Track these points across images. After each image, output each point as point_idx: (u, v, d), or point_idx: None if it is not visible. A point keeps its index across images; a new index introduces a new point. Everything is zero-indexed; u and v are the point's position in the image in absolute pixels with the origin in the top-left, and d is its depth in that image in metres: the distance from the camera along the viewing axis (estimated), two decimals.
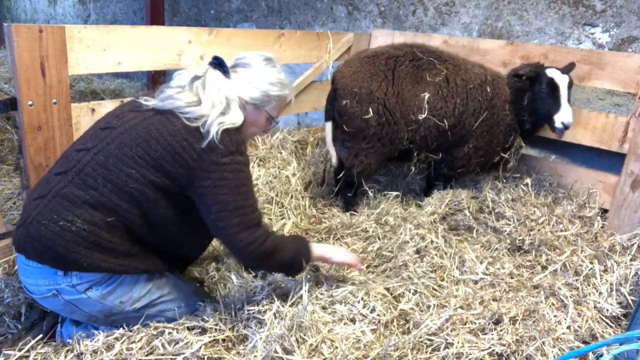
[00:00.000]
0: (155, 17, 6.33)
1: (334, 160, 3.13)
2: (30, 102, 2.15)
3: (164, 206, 1.74)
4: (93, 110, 2.44)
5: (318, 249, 2.01)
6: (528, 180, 3.13)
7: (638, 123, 2.86)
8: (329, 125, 3.05)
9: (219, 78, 1.79)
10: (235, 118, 1.76)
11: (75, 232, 1.65)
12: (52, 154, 2.28)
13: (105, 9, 7.67)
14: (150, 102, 1.77)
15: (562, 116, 2.82)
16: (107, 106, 2.51)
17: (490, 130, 3.04)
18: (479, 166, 3.18)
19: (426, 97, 2.90)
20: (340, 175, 3.10)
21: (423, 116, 2.90)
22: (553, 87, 2.83)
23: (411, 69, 2.94)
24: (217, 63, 1.82)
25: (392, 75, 2.90)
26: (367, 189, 3.11)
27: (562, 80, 2.82)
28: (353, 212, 3.09)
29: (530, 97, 2.97)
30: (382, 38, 3.95)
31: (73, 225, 1.65)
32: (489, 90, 2.99)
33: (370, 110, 2.84)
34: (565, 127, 2.83)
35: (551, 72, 2.87)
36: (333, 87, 2.97)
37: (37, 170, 2.24)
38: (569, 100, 2.84)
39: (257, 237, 1.76)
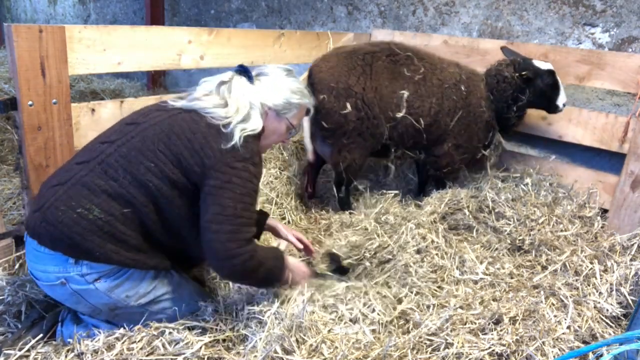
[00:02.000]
0: (155, 17, 6.33)
1: (310, 155, 3.14)
2: (30, 102, 2.15)
3: (179, 205, 1.77)
4: (93, 110, 2.44)
5: (289, 264, 2.00)
6: (528, 180, 3.13)
7: (638, 123, 2.86)
8: (306, 121, 3.05)
9: (244, 83, 1.88)
10: (255, 124, 1.82)
11: (92, 220, 1.68)
12: (52, 154, 2.28)
13: (105, 9, 7.67)
14: (178, 103, 1.85)
15: (562, 98, 2.99)
16: (107, 106, 2.52)
17: (468, 128, 3.06)
18: (463, 163, 3.19)
19: (405, 96, 2.90)
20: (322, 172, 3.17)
21: (401, 114, 2.90)
22: (554, 77, 2.95)
23: (389, 64, 2.93)
24: (243, 70, 1.91)
25: (370, 70, 2.89)
26: (357, 185, 3.12)
27: (552, 68, 2.99)
28: (352, 212, 3.09)
29: (533, 92, 2.98)
30: (382, 38, 3.95)
31: (90, 213, 1.68)
32: (463, 88, 3.00)
33: (348, 105, 2.82)
34: (564, 105, 3.03)
35: (544, 65, 2.97)
36: (310, 82, 2.95)
37: (37, 170, 2.24)
38: None
39: (244, 252, 1.73)
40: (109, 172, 1.72)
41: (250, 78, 1.90)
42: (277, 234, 2.38)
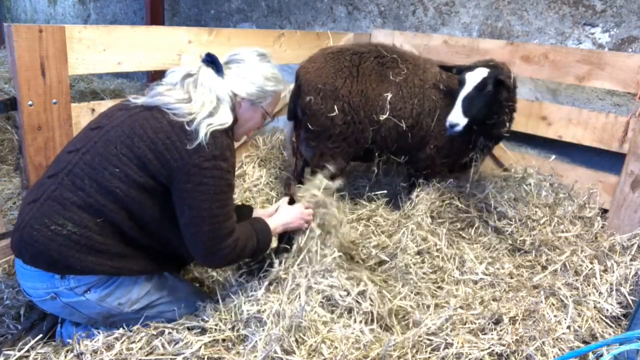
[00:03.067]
0: (155, 17, 6.32)
1: (290, 156, 3.12)
2: (30, 102, 2.15)
3: (151, 207, 1.71)
4: (93, 110, 2.44)
5: (274, 223, 2.02)
6: (531, 181, 3.13)
7: (638, 123, 2.86)
8: (290, 124, 2.99)
9: (211, 76, 1.76)
10: (223, 118, 1.72)
11: (67, 235, 1.63)
12: (52, 154, 2.28)
13: (105, 9, 7.66)
14: (139, 100, 1.75)
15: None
16: (107, 106, 2.49)
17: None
18: (445, 166, 3.10)
19: (388, 98, 2.86)
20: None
21: (384, 116, 2.86)
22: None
23: (376, 66, 2.89)
24: (210, 60, 1.79)
25: (357, 72, 2.85)
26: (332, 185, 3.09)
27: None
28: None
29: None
30: (382, 38, 3.95)
31: (64, 229, 1.63)
32: (442, 87, 2.94)
33: (336, 107, 2.77)
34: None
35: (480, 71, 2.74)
36: (297, 84, 2.87)
37: (37, 170, 2.24)
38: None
39: (225, 246, 1.74)
40: (76, 183, 1.65)
41: (219, 70, 1.78)
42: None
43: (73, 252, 1.64)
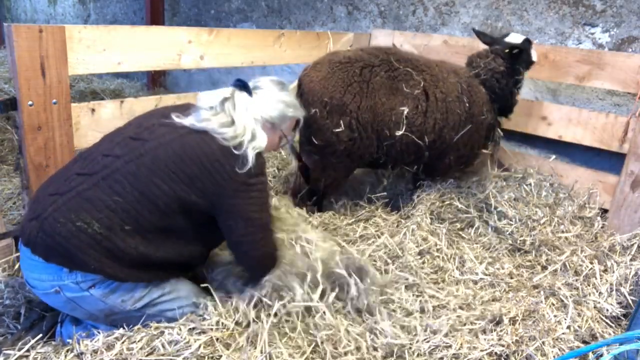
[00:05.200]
0: (155, 17, 6.32)
1: (294, 164, 3.03)
2: (30, 102, 2.15)
3: (186, 224, 1.82)
4: (93, 110, 2.44)
5: None
6: (531, 181, 3.13)
7: (638, 123, 2.86)
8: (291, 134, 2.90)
9: (246, 98, 1.93)
10: (262, 140, 1.89)
11: (91, 234, 1.67)
12: (52, 154, 2.28)
13: (105, 9, 7.66)
14: (185, 121, 1.84)
15: (534, 52, 3.01)
16: (107, 106, 2.51)
17: (471, 138, 2.94)
18: (458, 171, 3.12)
19: (405, 113, 2.70)
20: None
21: (400, 132, 2.71)
22: (529, 41, 3.00)
23: (387, 80, 2.72)
24: (242, 85, 1.95)
25: (367, 87, 2.67)
26: (332, 201, 3.06)
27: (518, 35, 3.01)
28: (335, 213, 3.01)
29: (524, 65, 3.00)
30: (382, 38, 3.95)
31: (90, 227, 1.67)
32: (466, 100, 2.85)
33: (342, 123, 2.63)
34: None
35: (515, 37, 2.97)
36: (299, 92, 2.70)
37: (37, 170, 2.24)
38: None
39: (274, 252, 2.00)
40: (115, 188, 1.71)
41: (250, 92, 1.95)
42: None
43: (92, 251, 1.67)
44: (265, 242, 1.94)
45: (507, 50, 2.91)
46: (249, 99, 1.94)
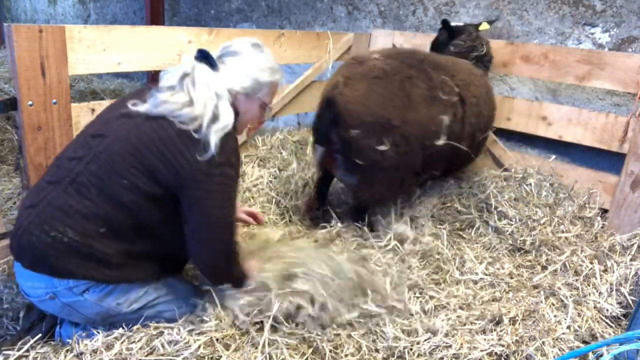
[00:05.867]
0: (155, 17, 6.32)
1: (319, 172, 2.80)
2: (30, 102, 2.15)
3: (157, 214, 1.71)
4: (93, 110, 2.44)
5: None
6: (531, 181, 3.13)
7: (638, 123, 2.86)
8: (320, 150, 2.60)
9: (207, 73, 1.73)
10: (227, 119, 1.69)
11: (67, 243, 1.63)
12: (52, 154, 2.28)
13: (105, 9, 7.66)
14: (141, 108, 1.70)
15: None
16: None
17: (486, 137, 2.99)
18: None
19: (446, 122, 2.61)
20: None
21: (442, 142, 2.61)
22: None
23: (426, 91, 2.59)
24: (203, 56, 1.76)
25: (409, 100, 2.52)
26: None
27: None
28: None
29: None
30: (382, 38, 3.95)
31: (65, 236, 1.62)
32: (488, 100, 2.88)
33: (386, 141, 2.43)
34: None
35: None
36: (333, 111, 2.45)
37: (37, 170, 2.24)
38: None
39: (229, 257, 1.79)
40: (82, 192, 1.64)
41: (213, 65, 1.75)
42: None
43: (73, 259, 1.64)
44: (220, 243, 1.75)
45: (478, 30, 3.09)
46: (210, 72, 1.73)
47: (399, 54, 2.75)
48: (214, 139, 1.62)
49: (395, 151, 2.48)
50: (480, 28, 3.19)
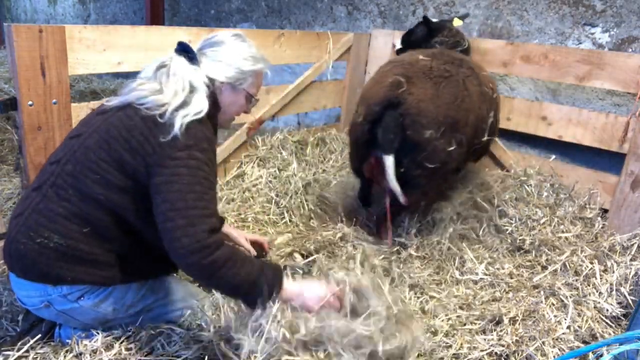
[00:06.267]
0: (155, 17, 6.32)
1: (403, 198, 2.46)
2: (30, 102, 2.15)
3: (135, 209, 1.64)
4: (93, 110, 2.43)
5: (291, 286, 1.64)
6: (532, 181, 3.13)
7: (638, 123, 2.86)
8: (390, 160, 2.35)
9: (184, 65, 1.69)
10: (198, 107, 1.62)
11: (54, 248, 1.62)
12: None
13: (105, 9, 7.66)
14: (114, 101, 1.68)
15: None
16: None
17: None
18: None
19: (491, 118, 2.63)
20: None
21: (485, 139, 2.63)
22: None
23: (478, 89, 2.58)
24: (182, 49, 1.72)
25: (470, 99, 2.48)
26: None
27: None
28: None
29: None
30: (382, 38, 3.95)
31: (50, 241, 1.61)
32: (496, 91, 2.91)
33: (454, 141, 2.38)
34: None
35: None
36: (400, 113, 2.29)
37: (37, 170, 2.23)
38: None
39: (204, 246, 1.49)
40: (60, 194, 1.62)
41: (191, 58, 1.72)
42: (231, 240, 2.23)
43: (62, 264, 1.63)
44: (188, 232, 1.48)
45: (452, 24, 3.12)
46: (187, 65, 1.69)
47: (439, 54, 2.66)
48: (179, 122, 1.55)
49: (458, 152, 2.44)
50: (454, 24, 3.20)
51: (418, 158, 2.35)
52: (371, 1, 4.55)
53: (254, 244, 2.35)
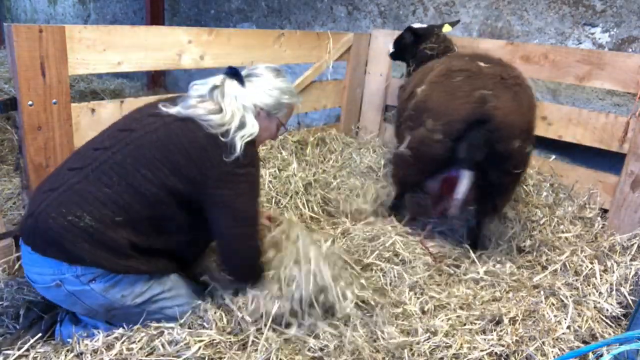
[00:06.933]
0: (155, 17, 6.32)
1: (458, 210, 2.51)
2: (30, 102, 2.15)
3: (174, 210, 1.79)
4: (93, 110, 2.44)
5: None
6: (531, 181, 3.13)
7: (638, 123, 2.86)
8: (470, 175, 2.38)
9: (236, 87, 1.88)
10: (252, 128, 1.83)
11: (83, 228, 1.67)
12: (52, 154, 2.28)
13: (105, 9, 7.66)
14: (172, 109, 1.82)
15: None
16: (107, 106, 2.51)
17: None
18: None
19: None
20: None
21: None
22: None
23: (530, 89, 2.53)
24: (233, 73, 1.90)
25: (533, 99, 2.49)
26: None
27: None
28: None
29: None
30: (382, 38, 3.95)
31: (81, 221, 1.67)
32: None
33: (531, 143, 2.43)
34: None
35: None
36: (488, 129, 2.26)
37: (37, 170, 2.24)
38: None
39: (256, 254, 1.92)
40: (103, 179, 1.71)
41: (241, 81, 1.91)
42: None
43: (86, 245, 1.67)
44: (250, 237, 1.87)
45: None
46: (239, 87, 1.89)
47: (485, 59, 2.60)
48: (239, 143, 1.75)
49: (531, 152, 2.49)
50: (444, 30, 3.23)
51: (507, 167, 2.35)
52: (371, 1, 4.55)
53: (267, 218, 2.42)
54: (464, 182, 2.38)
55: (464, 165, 2.37)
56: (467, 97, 2.32)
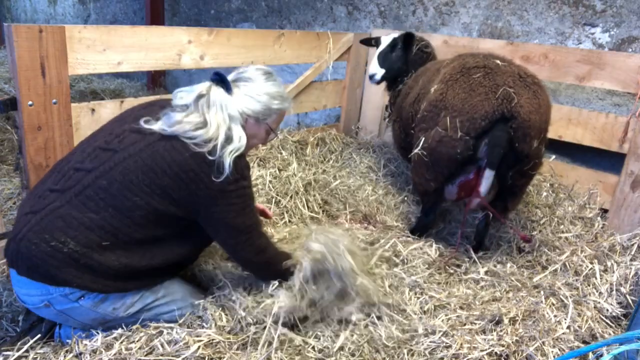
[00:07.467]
0: (155, 17, 6.33)
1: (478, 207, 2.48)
2: (30, 102, 2.15)
3: (163, 228, 1.76)
4: (93, 110, 2.44)
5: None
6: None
7: (638, 123, 2.86)
8: (492, 175, 2.29)
9: (222, 95, 1.78)
10: (240, 141, 1.76)
11: (67, 253, 1.63)
12: (52, 154, 2.28)
13: (105, 9, 7.66)
14: (154, 126, 1.73)
15: None
16: (107, 106, 2.51)
17: None
18: None
19: None
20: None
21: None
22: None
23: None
24: (219, 80, 1.81)
25: (549, 100, 2.43)
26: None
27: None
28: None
29: None
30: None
31: (65, 246, 1.62)
32: None
33: (544, 145, 2.38)
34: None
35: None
36: (511, 126, 2.20)
37: (37, 170, 2.24)
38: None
39: (261, 251, 1.90)
40: (88, 205, 1.65)
41: (228, 88, 1.80)
42: None
43: (71, 270, 1.64)
44: (250, 243, 1.84)
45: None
46: (225, 95, 1.78)
47: (501, 58, 2.51)
48: (227, 160, 1.69)
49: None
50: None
51: (525, 168, 2.32)
52: (371, 1, 4.55)
53: (261, 213, 2.44)
54: (487, 182, 2.29)
55: (491, 164, 2.25)
56: (490, 94, 2.23)
